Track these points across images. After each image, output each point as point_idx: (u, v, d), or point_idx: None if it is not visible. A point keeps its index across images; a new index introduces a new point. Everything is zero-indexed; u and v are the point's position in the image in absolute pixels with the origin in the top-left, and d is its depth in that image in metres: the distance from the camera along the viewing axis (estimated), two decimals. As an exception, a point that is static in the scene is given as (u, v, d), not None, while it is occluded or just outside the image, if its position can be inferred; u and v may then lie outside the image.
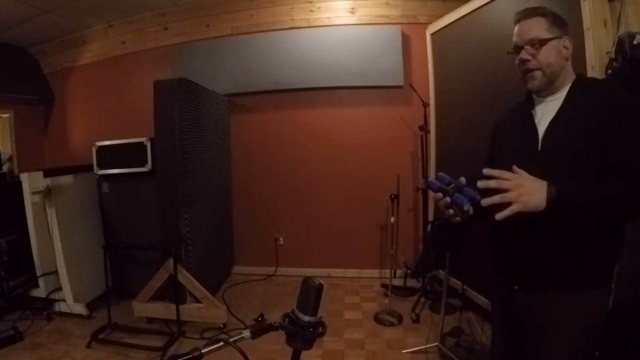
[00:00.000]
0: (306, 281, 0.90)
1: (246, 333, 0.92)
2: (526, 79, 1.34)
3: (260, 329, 0.93)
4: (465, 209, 1.23)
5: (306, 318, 0.88)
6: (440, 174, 1.32)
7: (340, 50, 4.00)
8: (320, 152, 4.24)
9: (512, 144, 1.42)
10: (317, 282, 0.89)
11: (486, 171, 1.16)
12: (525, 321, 1.38)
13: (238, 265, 4.56)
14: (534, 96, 1.40)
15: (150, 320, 3.26)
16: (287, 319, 0.91)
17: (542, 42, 1.28)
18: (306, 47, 4.06)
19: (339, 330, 3.13)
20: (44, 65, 4.90)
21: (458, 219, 1.31)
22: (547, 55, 1.28)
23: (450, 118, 3.59)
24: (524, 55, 1.31)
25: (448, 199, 1.25)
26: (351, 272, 4.29)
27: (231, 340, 0.89)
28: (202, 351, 0.85)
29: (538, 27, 1.29)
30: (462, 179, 1.29)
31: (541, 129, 1.32)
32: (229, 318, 3.24)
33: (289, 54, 4.08)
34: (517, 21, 1.35)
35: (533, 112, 1.38)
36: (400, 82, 3.95)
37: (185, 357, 0.84)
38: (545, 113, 1.33)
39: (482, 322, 3.02)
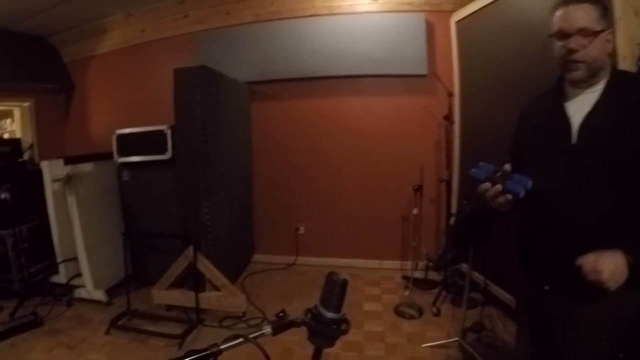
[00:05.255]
0: (330, 276, 0.86)
1: (267, 329, 0.88)
2: (568, 68, 1.25)
3: (282, 325, 0.90)
4: (521, 196, 1.20)
5: (329, 315, 0.85)
6: (482, 163, 1.30)
7: (363, 38, 3.92)
8: (342, 141, 4.18)
9: (541, 135, 1.36)
10: (341, 277, 0.85)
11: None
12: (553, 320, 1.34)
13: (258, 253, 4.55)
14: (568, 86, 1.32)
15: (169, 307, 3.26)
16: (309, 315, 0.87)
17: (595, 34, 1.20)
18: (328, 35, 3.98)
19: (358, 322, 3.07)
20: (64, 54, 4.92)
21: (505, 208, 1.27)
22: (596, 48, 1.21)
23: (475, 108, 3.49)
24: (572, 44, 1.22)
25: (499, 186, 1.23)
26: (372, 263, 4.22)
27: (251, 336, 0.85)
28: (221, 347, 0.82)
29: (588, 17, 1.20)
30: (507, 166, 1.26)
31: (575, 121, 1.26)
32: (248, 307, 3.22)
33: (311, 42, 4.01)
34: (565, 3, 1.25)
35: (566, 103, 1.31)
36: (424, 71, 3.85)
37: (204, 353, 0.81)
38: (580, 105, 1.27)
39: (504, 318, 2.97)
